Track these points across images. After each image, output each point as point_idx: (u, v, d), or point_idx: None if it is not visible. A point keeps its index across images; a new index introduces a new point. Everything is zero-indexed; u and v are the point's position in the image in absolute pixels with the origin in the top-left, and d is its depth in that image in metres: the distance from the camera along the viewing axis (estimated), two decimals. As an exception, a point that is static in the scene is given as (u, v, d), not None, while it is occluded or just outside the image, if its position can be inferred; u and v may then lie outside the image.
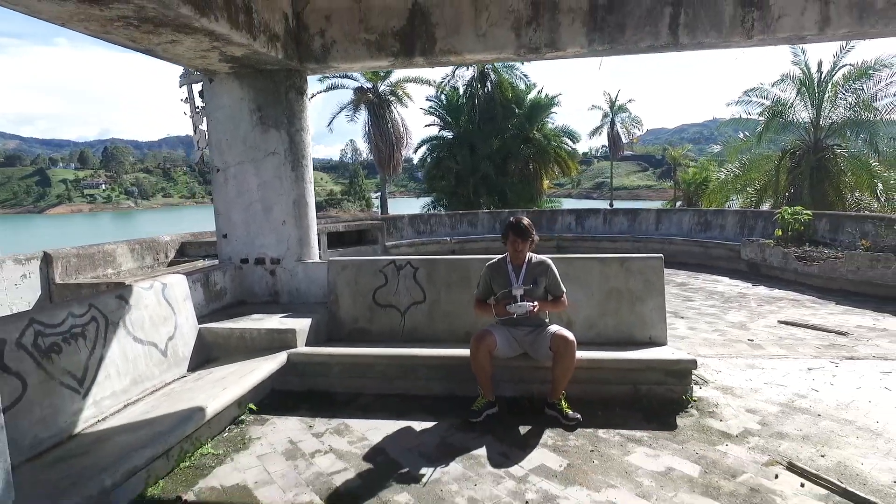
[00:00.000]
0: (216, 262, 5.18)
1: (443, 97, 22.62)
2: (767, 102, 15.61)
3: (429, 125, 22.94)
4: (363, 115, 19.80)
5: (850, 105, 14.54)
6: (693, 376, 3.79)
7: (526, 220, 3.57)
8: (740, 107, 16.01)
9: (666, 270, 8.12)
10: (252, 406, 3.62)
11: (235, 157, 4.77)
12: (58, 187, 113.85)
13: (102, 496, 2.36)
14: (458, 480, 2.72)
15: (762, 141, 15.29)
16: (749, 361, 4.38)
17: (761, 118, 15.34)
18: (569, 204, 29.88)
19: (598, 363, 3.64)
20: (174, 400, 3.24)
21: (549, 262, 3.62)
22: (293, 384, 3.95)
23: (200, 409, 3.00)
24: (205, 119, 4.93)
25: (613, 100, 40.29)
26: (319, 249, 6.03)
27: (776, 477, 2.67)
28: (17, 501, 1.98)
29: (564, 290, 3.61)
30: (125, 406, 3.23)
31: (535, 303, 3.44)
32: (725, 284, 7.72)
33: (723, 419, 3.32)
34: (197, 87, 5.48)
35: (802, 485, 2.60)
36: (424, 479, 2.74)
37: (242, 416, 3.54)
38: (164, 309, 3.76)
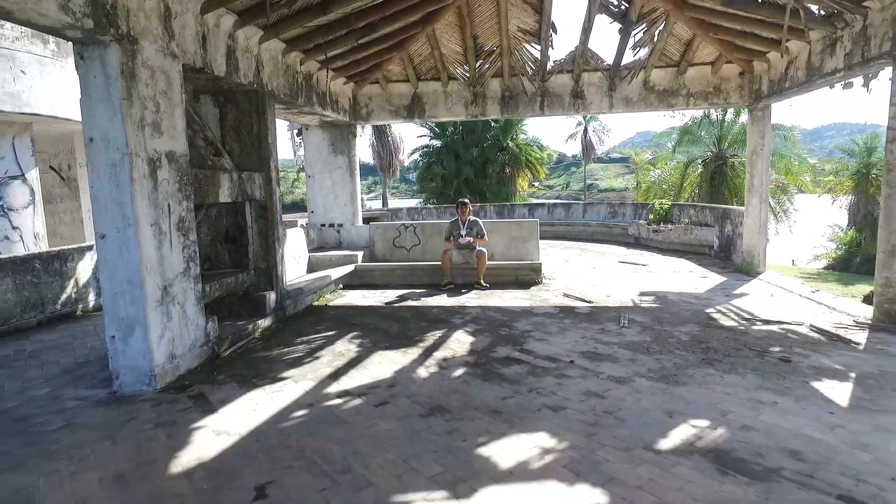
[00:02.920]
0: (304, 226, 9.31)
1: (432, 112, 26.82)
2: (686, 121, 20.00)
3: (421, 136, 27.22)
4: (368, 129, 23.93)
5: (745, 123, 18.96)
6: (546, 275, 8.05)
7: (466, 199, 7.82)
8: (666, 119, 20.36)
9: (578, 242, 12.68)
10: (340, 286, 7.82)
11: (319, 170, 8.97)
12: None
13: (304, 297, 6.56)
14: (434, 300, 6.93)
15: (676, 152, 19.72)
16: (584, 274, 8.63)
17: (674, 136, 19.76)
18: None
19: (501, 266, 7.87)
20: (313, 277, 7.42)
21: (479, 220, 7.86)
22: (355, 281, 8.11)
23: (328, 276, 7.21)
24: (301, 148, 9.11)
25: (586, 110, 44.73)
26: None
27: (556, 297, 6.92)
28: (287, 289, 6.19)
29: (485, 233, 7.83)
30: (290, 281, 7.40)
31: (471, 238, 7.67)
32: (611, 249, 11.98)
33: (549, 287, 7.56)
34: (295, 131, 9.66)
35: (566, 297, 6.85)
36: (421, 300, 6.95)
37: (336, 289, 7.72)
38: (296, 243, 7.95)
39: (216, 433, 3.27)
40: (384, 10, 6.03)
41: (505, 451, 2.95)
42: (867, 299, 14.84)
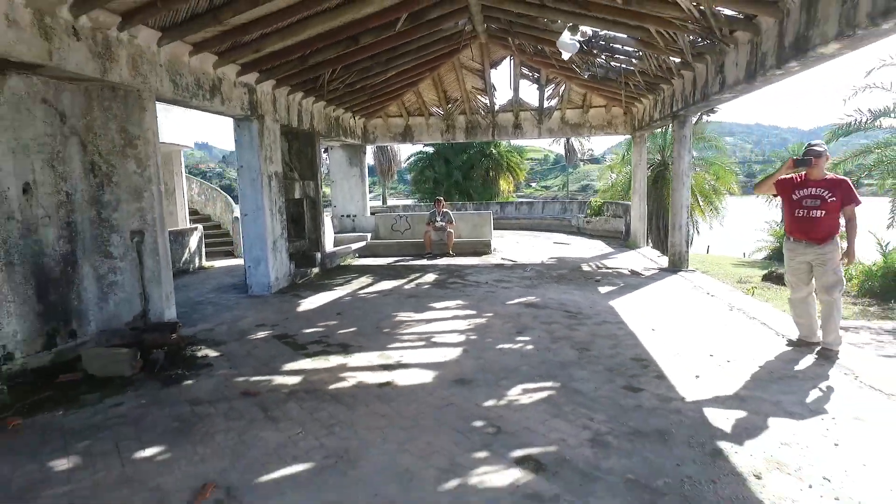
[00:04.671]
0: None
1: (426, 122, 30.73)
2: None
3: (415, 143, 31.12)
4: (370, 139, 28.01)
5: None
6: (496, 249, 11.92)
7: (441, 198, 11.70)
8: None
9: (534, 231, 17.04)
10: (356, 254, 11.66)
11: (339, 177, 12.84)
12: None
13: (336, 259, 10.43)
14: (418, 262, 10.79)
15: (625, 159, 23.60)
16: (524, 249, 12.46)
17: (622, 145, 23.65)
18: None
19: (465, 242, 11.73)
20: (340, 248, 11.28)
21: (449, 210, 11.73)
22: (365, 253, 11.94)
23: (349, 247, 11.10)
24: (327, 161, 12.92)
25: (570, 117, 48.72)
26: (365, 215, 14.10)
27: (496, 259, 10.78)
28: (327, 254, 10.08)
29: (454, 220, 11.68)
30: (327, 249, 11.26)
31: (444, 223, 11.54)
32: (555, 236, 15.79)
33: (495, 255, 11.40)
34: (322, 149, 13.51)
35: (503, 259, 10.72)
36: (409, 262, 10.82)
37: (354, 257, 11.55)
38: (327, 227, 11.80)
39: (310, 302, 7.14)
40: (387, 83, 9.90)
41: (440, 304, 6.82)
42: (764, 277, 18.79)
